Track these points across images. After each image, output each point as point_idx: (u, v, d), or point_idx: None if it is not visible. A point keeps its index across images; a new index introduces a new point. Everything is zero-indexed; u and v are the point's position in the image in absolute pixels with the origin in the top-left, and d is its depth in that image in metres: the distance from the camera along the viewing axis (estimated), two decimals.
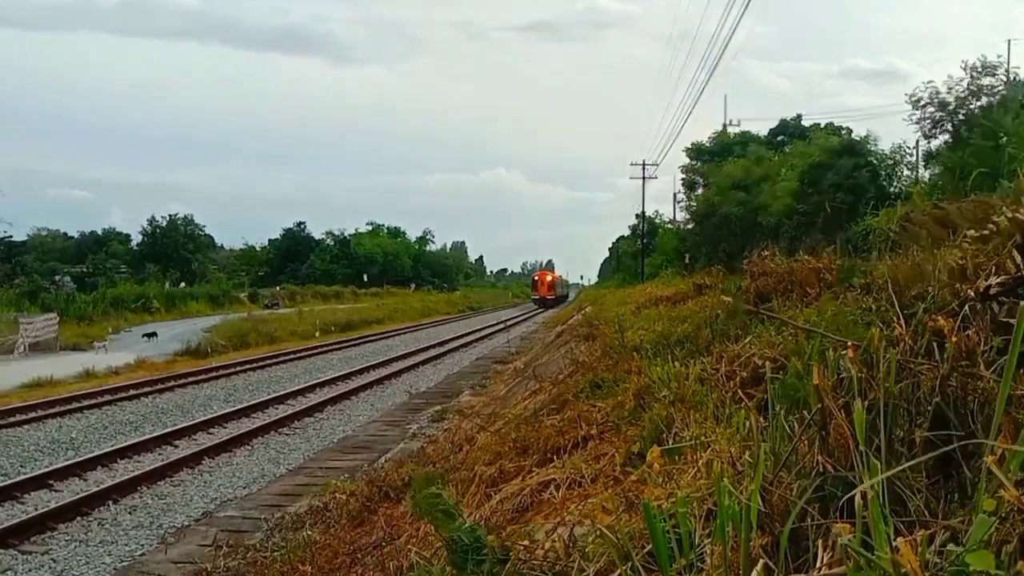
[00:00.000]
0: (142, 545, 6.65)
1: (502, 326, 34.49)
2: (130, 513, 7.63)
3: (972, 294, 2.47)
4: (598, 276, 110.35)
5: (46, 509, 7.54)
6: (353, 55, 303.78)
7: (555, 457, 4.36)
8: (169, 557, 5.92)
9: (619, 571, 2.04)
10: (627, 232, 58.44)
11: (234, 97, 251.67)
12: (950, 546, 1.03)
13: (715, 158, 31.85)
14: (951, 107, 14.87)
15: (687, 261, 27.39)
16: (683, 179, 35.58)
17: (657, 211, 55.56)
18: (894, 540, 1.07)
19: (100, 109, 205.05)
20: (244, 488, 8.63)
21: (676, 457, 3.10)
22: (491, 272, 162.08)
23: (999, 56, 14.85)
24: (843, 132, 24.78)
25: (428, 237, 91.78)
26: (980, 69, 14.48)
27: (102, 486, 8.39)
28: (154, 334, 27.33)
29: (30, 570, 6.04)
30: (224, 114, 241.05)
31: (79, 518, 7.31)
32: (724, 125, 36.93)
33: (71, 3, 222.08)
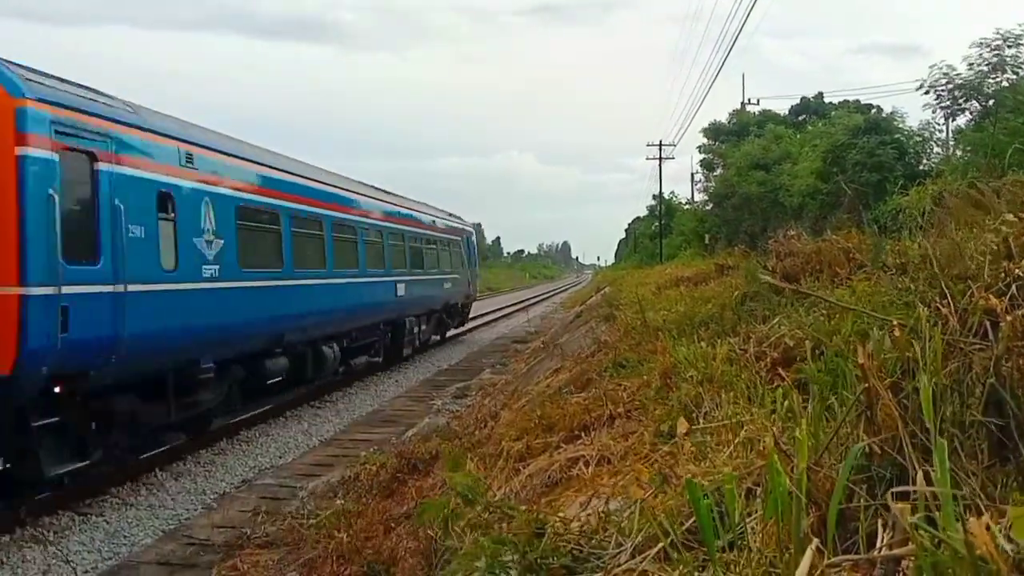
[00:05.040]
0: (187, 510, 6.88)
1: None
2: (176, 479, 7.87)
3: (1020, 273, 2.42)
4: (615, 257, 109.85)
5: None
6: (362, 43, 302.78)
7: (582, 434, 4.36)
8: (212, 522, 6.14)
9: (659, 547, 2.04)
10: (644, 212, 57.80)
11: (252, 86, 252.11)
12: None
13: (733, 137, 31.29)
14: (973, 82, 14.32)
15: (707, 242, 27.10)
16: (701, 159, 35.07)
17: (673, 192, 54.93)
18: (961, 522, 1.06)
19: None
20: (280, 457, 8.88)
21: (708, 436, 3.09)
22: (508, 253, 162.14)
23: (1021, 25, 14.08)
24: (870, 110, 24.14)
25: None
26: (1004, 40, 13.92)
27: (149, 453, 8.58)
28: None
29: (86, 530, 6.29)
30: (242, 102, 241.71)
31: (128, 483, 7.54)
32: (743, 103, 36.21)
33: None
